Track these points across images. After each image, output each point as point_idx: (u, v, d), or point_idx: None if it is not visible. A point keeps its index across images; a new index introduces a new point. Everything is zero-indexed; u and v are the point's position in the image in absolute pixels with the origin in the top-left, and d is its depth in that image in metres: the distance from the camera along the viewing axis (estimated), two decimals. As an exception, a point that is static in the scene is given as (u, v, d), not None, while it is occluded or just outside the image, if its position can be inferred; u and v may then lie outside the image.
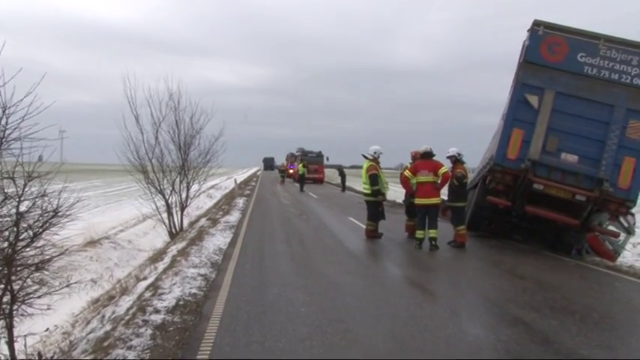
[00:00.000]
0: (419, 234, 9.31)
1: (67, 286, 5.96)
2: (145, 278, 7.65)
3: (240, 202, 19.29)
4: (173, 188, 16.85)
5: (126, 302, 6.08)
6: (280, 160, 61.12)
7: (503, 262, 8.32)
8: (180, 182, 17.18)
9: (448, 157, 9.97)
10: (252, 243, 9.47)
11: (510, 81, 10.40)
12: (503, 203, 9.67)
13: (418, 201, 9.31)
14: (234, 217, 14.02)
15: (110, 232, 16.06)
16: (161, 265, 8.37)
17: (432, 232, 9.15)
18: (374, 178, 10.03)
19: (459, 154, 9.94)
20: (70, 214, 5.59)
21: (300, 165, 30.13)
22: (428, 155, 9.41)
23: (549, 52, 9.18)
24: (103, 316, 6.06)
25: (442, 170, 9.15)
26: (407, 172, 9.64)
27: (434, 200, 9.21)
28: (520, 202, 9.46)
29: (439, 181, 9.15)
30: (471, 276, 7.25)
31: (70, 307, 8.21)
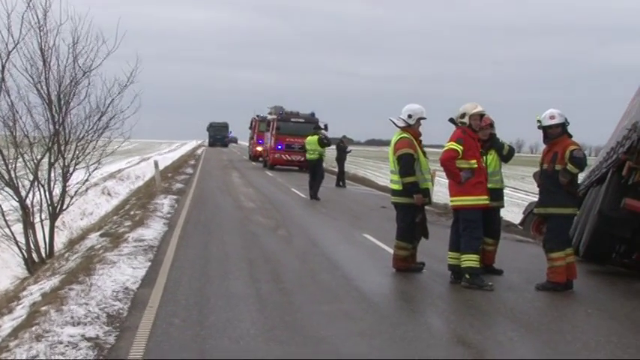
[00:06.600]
0: (451, 258, 9.86)
1: None
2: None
3: (166, 203, 19.37)
4: (36, 177, 16.86)
5: None
6: (240, 129, 61.12)
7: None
8: (51, 166, 17.18)
9: (544, 128, 9.65)
10: (186, 278, 9.57)
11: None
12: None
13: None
14: (153, 230, 14.09)
15: None
16: (9, 322, 8.33)
17: (465, 258, 9.51)
18: (407, 162, 10.08)
19: (567, 123, 9.64)
20: None
21: (315, 140, 24.35)
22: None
23: None
24: None
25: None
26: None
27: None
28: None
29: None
30: (592, 347, 7.15)
31: None
